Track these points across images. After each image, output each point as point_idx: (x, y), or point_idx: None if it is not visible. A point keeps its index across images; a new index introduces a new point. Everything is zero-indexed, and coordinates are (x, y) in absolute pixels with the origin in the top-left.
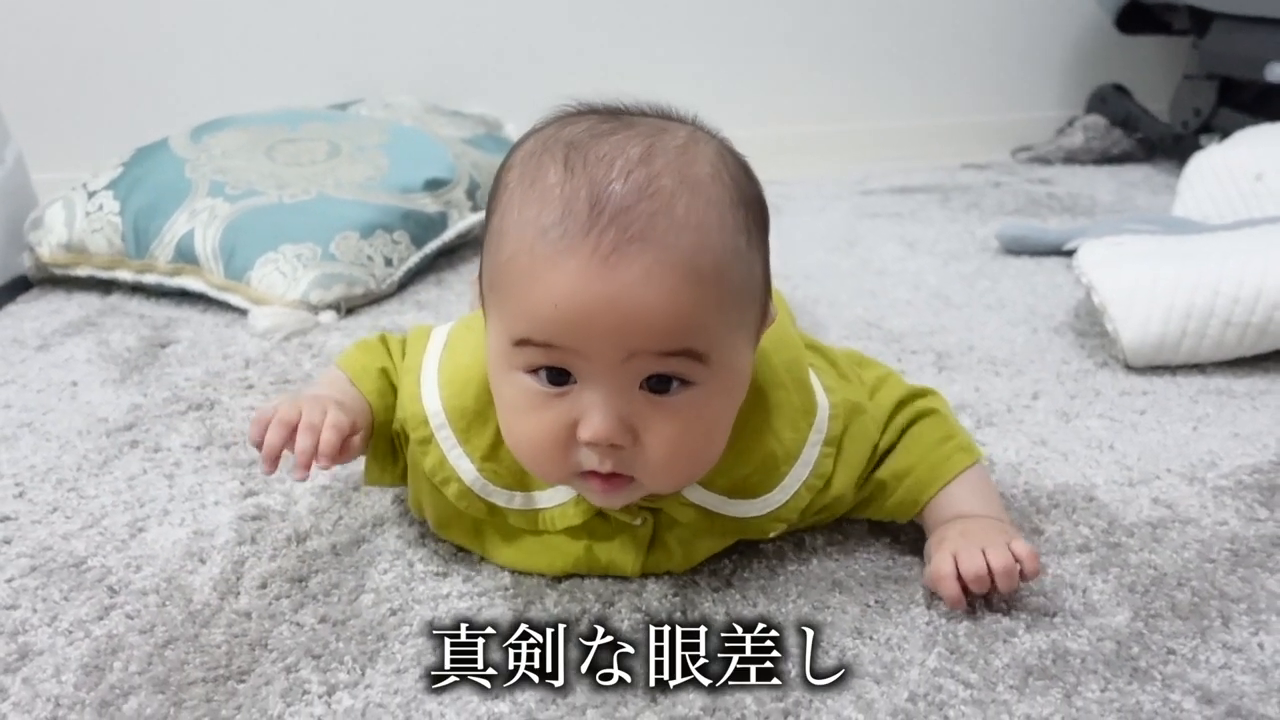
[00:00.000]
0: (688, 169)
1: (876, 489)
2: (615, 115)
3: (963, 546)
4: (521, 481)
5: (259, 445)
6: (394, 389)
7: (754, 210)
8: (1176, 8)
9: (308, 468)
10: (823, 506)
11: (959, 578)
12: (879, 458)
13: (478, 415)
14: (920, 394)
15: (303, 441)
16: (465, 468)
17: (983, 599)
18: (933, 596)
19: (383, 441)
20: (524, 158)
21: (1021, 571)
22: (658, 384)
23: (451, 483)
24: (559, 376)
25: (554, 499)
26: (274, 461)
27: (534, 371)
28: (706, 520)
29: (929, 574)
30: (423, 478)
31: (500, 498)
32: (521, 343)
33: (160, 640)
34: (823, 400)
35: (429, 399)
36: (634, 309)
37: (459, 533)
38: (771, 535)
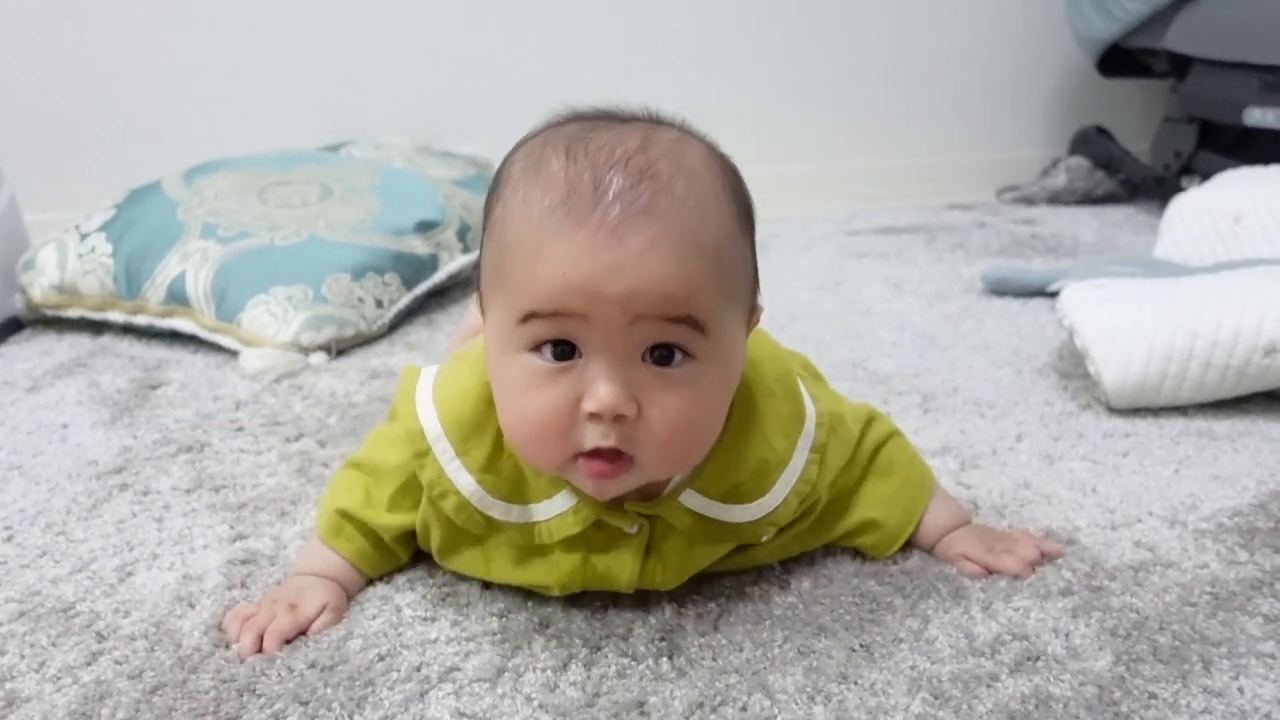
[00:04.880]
0: (682, 157)
1: (867, 522)
2: (609, 116)
3: (994, 559)
4: (519, 493)
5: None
6: (368, 527)
7: (742, 207)
8: (1156, 52)
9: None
10: (806, 509)
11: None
12: (860, 472)
13: (475, 427)
14: (875, 413)
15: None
16: (463, 480)
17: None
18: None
19: (381, 554)
20: (525, 154)
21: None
22: (661, 356)
23: (449, 496)
24: (563, 351)
25: (550, 510)
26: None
27: (537, 349)
28: (702, 526)
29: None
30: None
31: (498, 510)
32: (527, 318)
33: (149, 686)
34: (810, 410)
35: (424, 414)
36: (641, 275)
37: (460, 558)
38: (763, 539)
